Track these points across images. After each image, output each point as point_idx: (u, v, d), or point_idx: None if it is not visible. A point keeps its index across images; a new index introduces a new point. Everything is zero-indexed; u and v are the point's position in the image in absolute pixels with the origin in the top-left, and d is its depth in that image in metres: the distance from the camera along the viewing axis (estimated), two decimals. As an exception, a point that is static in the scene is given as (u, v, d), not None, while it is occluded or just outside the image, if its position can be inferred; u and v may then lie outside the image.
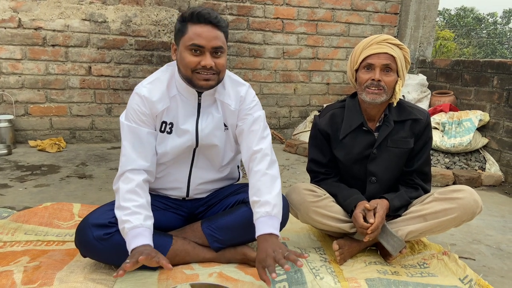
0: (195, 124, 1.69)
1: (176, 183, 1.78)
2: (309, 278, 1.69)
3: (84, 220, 1.62)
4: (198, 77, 1.56)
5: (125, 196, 1.54)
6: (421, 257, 1.97)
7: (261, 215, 1.53)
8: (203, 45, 1.52)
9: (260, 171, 1.62)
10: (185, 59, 1.55)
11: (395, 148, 1.89)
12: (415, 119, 1.89)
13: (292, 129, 4.81)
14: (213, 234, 1.74)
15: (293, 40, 4.62)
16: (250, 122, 1.70)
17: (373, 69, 1.79)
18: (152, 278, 1.65)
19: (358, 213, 1.77)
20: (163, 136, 1.68)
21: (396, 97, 1.84)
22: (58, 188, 2.84)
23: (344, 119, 1.93)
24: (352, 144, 1.91)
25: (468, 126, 3.64)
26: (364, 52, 1.81)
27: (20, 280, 1.56)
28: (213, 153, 1.77)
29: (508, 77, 3.51)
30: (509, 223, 2.61)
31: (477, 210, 1.77)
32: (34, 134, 4.07)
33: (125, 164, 1.60)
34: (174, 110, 1.67)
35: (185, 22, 1.55)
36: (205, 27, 1.53)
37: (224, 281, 1.63)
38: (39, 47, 3.90)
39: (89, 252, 1.64)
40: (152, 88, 1.64)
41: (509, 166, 3.50)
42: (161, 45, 4.21)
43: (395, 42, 1.81)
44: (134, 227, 1.48)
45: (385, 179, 1.93)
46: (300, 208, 1.87)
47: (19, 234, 2.01)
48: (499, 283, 1.83)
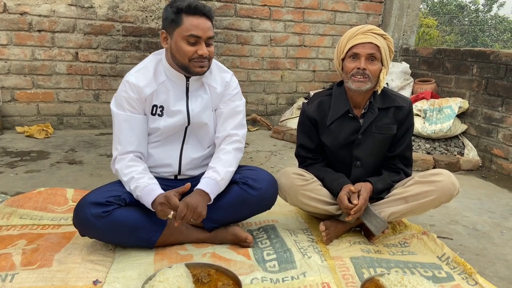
0: (186, 106, 1.81)
1: (168, 159, 1.86)
2: (298, 257, 1.79)
3: (82, 199, 1.69)
4: (194, 64, 1.69)
5: (124, 172, 1.71)
6: (402, 237, 2.09)
7: (209, 177, 1.73)
8: (200, 36, 1.65)
9: (227, 149, 1.82)
10: (182, 48, 1.66)
11: (379, 134, 1.98)
12: (398, 106, 1.98)
13: (279, 115, 4.89)
14: (207, 215, 1.81)
15: (280, 28, 4.66)
16: (232, 108, 1.86)
17: (358, 58, 1.87)
18: (148, 259, 1.73)
19: (343, 195, 1.87)
20: (154, 118, 1.79)
21: (381, 85, 1.94)
22: (49, 174, 2.87)
23: (331, 106, 2.01)
24: (338, 130, 1.99)
25: (448, 113, 3.77)
26: (350, 42, 1.88)
27: (19, 262, 1.62)
28: (203, 132, 1.88)
29: (487, 66, 3.64)
30: (485, 205, 2.76)
31: (455, 192, 1.88)
32: (21, 120, 4.05)
33: (117, 151, 1.74)
34: (163, 94, 1.77)
35: (180, 13, 1.64)
36: (200, 18, 1.65)
37: (217, 261, 1.72)
38: (25, 33, 3.86)
39: (87, 230, 1.70)
40: (139, 76, 1.75)
41: (486, 152, 3.66)
42: (148, 31, 4.20)
43: (380, 32, 1.88)
44: (144, 187, 1.66)
45: (369, 163, 2.03)
46: (289, 192, 1.95)
47: (14, 218, 2.05)
48: (474, 261, 1.95)
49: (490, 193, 3.01)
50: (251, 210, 1.88)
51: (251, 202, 1.81)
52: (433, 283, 1.56)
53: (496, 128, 3.55)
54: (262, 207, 1.91)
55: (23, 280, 1.50)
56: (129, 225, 1.69)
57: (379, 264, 1.79)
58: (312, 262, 1.75)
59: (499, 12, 21.88)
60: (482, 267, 1.90)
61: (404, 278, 1.56)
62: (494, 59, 3.56)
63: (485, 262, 1.96)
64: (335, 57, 1.99)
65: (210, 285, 1.52)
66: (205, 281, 1.52)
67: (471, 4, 21.23)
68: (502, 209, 2.69)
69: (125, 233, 1.71)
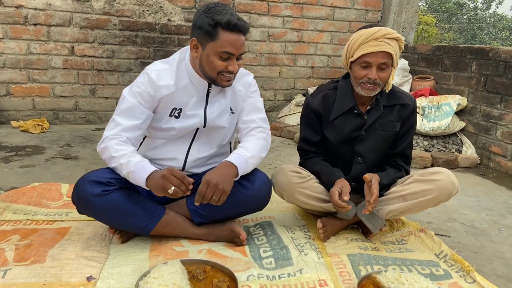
0: (204, 110, 1.81)
1: (174, 153, 1.85)
2: (294, 254, 1.77)
3: (83, 177, 1.67)
4: (222, 78, 1.69)
5: (116, 148, 1.64)
6: (399, 234, 2.07)
7: (239, 153, 1.70)
8: (234, 53, 1.64)
9: (257, 136, 1.82)
10: (214, 63, 1.65)
11: (382, 131, 1.96)
12: (403, 104, 1.96)
13: (277, 112, 4.86)
14: (197, 209, 1.80)
15: (278, 23, 4.63)
16: (253, 102, 1.88)
17: (369, 67, 1.81)
18: (143, 255, 1.70)
19: (334, 190, 1.82)
20: (170, 120, 1.78)
21: (389, 85, 1.90)
22: (44, 168, 2.84)
23: (336, 101, 1.97)
24: (342, 125, 1.96)
25: (446, 110, 3.75)
26: (362, 49, 1.79)
27: (12, 258, 1.60)
28: (216, 133, 1.89)
29: (486, 63, 3.62)
30: (483, 202, 2.74)
31: (454, 191, 1.86)
32: (16, 114, 4.01)
33: (111, 131, 1.68)
34: (184, 97, 1.76)
35: (217, 28, 1.59)
36: (236, 35, 1.62)
37: (213, 257, 1.70)
38: (21, 26, 3.82)
39: (85, 208, 1.69)
40: (161, 74, 1.73)
41: (484, 149, 3.65)
42: (145, 26, 4.17)
43: (393, 36, 1.79)
44: (138, 162, 1.61)
45: (370, 159, 2.00)
46: (286, 190, 1.93)
47: (8, 213, 2.02)
48: (472, 258, 1.94)
49: (488, 191, 3.00)
50: (243, 209, 1.85)
51: (243, 202, 1.77)
52: (430, 281, 1.55)
53: (495, 126, 3.54)
54: (254, 207, 1.88)
55: (15, 276, 1.48)
56: (127, 208, 1.68)
57: (376, 261, 1.77)
58: (309, 259, 1.73)
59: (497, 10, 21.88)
60: (480, 264, 1.88)
61: (401, 276, 1.55)
62: (493, 56, 3.55)
63: (483, 260, 1.95)
64: (344, 56, 1.92)
65: (206, 281, 1.50)
66: (200, 277, 1.50)
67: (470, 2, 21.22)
68: (500, 207, 2.68)
69: (122, 215, 1.69)
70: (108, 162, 1.67)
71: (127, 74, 4.22)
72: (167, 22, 4.22)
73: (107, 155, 1.66)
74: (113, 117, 1.72)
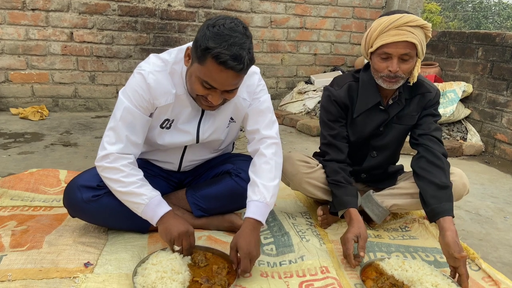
0: (197, 126, 1.63)
1: (168, 158, 1.78)
2: (296, 240, 1.74)
3: (73, 181, 1.62)
4: (202, 102, 1.47)
5: (127, 171, 1.49)
6: (403, 221, 2.04)
7: (258, 199, 1.52)
8: (216, 87, 1.38)
9: (267, 155, 1.61)
10: (194, 85, 1.42)
11: (399, 125, 1.84)
12: (423, 93, 1.80)
13: (279, 100, 4.80)
14: (197, 203, 1.77)
15: (280, 9, 4.55)
16: (258, 105, 1.65)
17: (390, 58, 1.64)
18: (142, 241, 1.67)
19: (350, 237, 1.57)
20: (161, 131, 1.62)
21: (414, 77, 1.72)
22: (43, 155, 2.81)
23: (358, 96, 1.80)
24: (364, 123, 1.83)
25: (451, 97, 3.69)
26: (381, 38, 1.63)
27: (8, 244, 1.57)
28: (213, 143, 1.76)
29: (493, 49, 3.54)
30: (487, 190, 2.70)
31: (464, 193, 1.81)
32: (15, 101, 3.97)
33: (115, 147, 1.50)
34: (177, 108, 1.58)
35: (206, 54, 1.31)
36: (225, 71, 1.33)
37: (213, 243, 1.67)
38: (19, 11, 3.75)
39: (77, 212, 1.64)
40: (160, 80, 1.51)
41: (489, 137, 3.59)
42: (145, 11, 4.10)
43: (417, 23, 1.60)
44: (153, 196, 1.49)
45: (385, 153, 1.92)
46: (293, 179, 1.87)
47: (5, 199, 1.99)
48: (477, 246, 1.90)
49: (493, 178, 2.95)
50: (242, 203, 1.69)
51: (242, 195, 1.64)
52: (434, 268, 1.52)
53: (500, 113, 3.48)
54: None
55: (11, 262, 1.45)
56: (121, 211, 1.60)
57: (379, 248, 1.74)
58: (310, 245, 1.70)
59: (503, -2, 21.58)
60: (485, 252, 1.85)
61: (405, 263, 1.52)
62: (500, 42, 3.47)
63: (488, 248, 1.91)
64: (363, 46, 1.76)
65: (206, 268, 1.47)
66: (201, 265, 1.47)
67: (475, -10, 20.95)
68: (505, 194, 2.64)
69: (116, 218, 1.65)
70: (112, 184, 1.51)
71: (127, 61, 4.16)
72: (167, 7, 4.15)
73: (113, 176, 1.49)
74: (113, 126, 1.51)
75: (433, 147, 1.74)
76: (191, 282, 1.37)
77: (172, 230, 1.46)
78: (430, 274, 1.46)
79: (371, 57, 1.73)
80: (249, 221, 1.50)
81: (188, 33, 4.27)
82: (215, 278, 1.39)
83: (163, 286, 1.29)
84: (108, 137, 1.52)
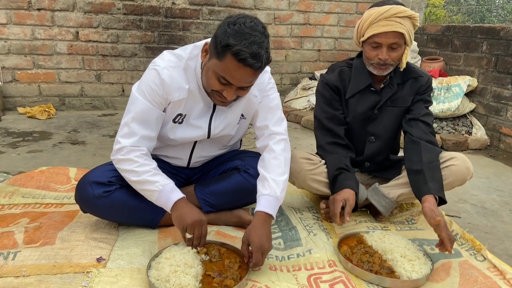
0: (209, 121, 1.67)
1: (177, 153, 1.80)
2: (303, 234, 1.76)
3: (84, 177, 1.65)
4: (216, 97, 1.51)
5: (140, 161, 1.52)
6: (409, 214, 2.06)
7: (268, 193, 1.55)
8: (232, 83, 1.42)
9: (276, 151, 1.64)
10: (210, 79, 1.45)
11: (393, 107, 1.92)
12: (416, 77, 1.90)
13: (284, 96, 4.81)
14: (205, 198, 1.79)
15: (284, 5, 4.56)
16: (267, 102, 1.69)
17: (380, 47, 1.76)
18: (152, 236, 1.70)
19: (339, 199, 1.72)
20: (173, 125, 1.65)
21: (403, 63, 1.84)
22: (52, 154, 2.84)
23: (351, 79, 1.91)
24: (356, 103, 1.92)
25: (456, 92, 3.69)
26: (371, 29, 1.74)
27: (21, 240, 1.60)
28: (223, 139, 1.80)
29: (497, 43, 3.54)
30: (493, 183, 2.71)
31: (468, 177, 1.83)
32: (22, 101, 4.01)
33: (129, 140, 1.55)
34: (190, 103, 1.61)
35: (226, 50, 1.35)
36: (243, 68, 1.36)
37: (222, 238, 1.69)
38: (25, 11, 3.79)
39: (89, 208, 1.68)
40: (174, 75, 1.54)
41: (494, 130, 3.59)
42: (149, 10, 4.12)
43: (405, 14, 1.70)
44: (166, 184, 1.51)
45: (383, 138, 1.97)
46: (297, 177, 1.90)
47: (16, 197, 2.03)
48: (483, 238, 1.92)
49: (499, 172, 2.96)
50: (250, 198, 1.73)
51: (251, 191, 1.67)
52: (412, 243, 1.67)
53: (505, 107, 3.48)
54: None
55: (25, 258, 1.48)
56: (131, 206, 1.66)
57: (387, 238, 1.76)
58: (318, 239, 1.72)
59: (507, -9, 21.39)
60: (491, 244, 1.86)
61: (385, 236, 1.67)
62: (504, 36, 3.47)
63: (494, 240, 1.93)
64: (355, 35, 1.87)
65: (218, 263, 1.49)
66: (214, 260, 1.50)
67: (479, -17, 20.77)
68: (510, 188, 2.65)
69: (127, 213, 1.69)
70: (127, 175, 1.55)
71: (132, 59, 4.19)
72: (171, 5, 4.17)
73: (127, 167, 1.53)
74: (127, 121, 1.55)
75: (412, 132, 1.84)
76: (203, 276, 1.40)
77: (186, 218, 1.48)
78: (403, 247, 1.60)
79: (362, 45, 1.84)
80: (260, 214, 1.52)
81: (193, 31, 4.29)
82: (227, 272, 1.42)
83: (176, 279, 1.32)
84: (122, 132, 1.57)
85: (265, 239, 1.47)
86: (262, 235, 1.48)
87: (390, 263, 1.55)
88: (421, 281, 1.48)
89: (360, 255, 1.58)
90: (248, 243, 1.47)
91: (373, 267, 1.52)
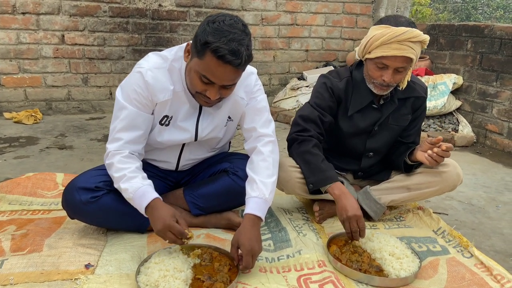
0: (195, 123, 1.66)
1: (165, 157, 1.79)
2: (293, 235, 1.77)
3: (71, 183, 1.63)
4: (200, 98, 1.51)
5: (118, 166, 1.52)
6: (397, 211, 2.08)
7: (257, 196, 1.55)
8: (214, 82, 1.41)
9: (264, 153, 1.64)
10: (193, 80, 1.45)
11: (395, 125, 1.92)
12: (418, 96, 1.90)
13: (272, 96, 4.82)
14: (195, 201, 1.79)
15: (271, 6, 4.57)
16: (254, 104, 1.69)
17: (386, 68, 1.70)
18: (141, 241, 1.70)
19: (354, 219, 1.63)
20: (160, 128, 1.64)
21: (404, 83, 1.82)
22: (39, 159, 2.81)
23: (353, 95, 1.86)
24: (358, 119, 1.89)
25: (442, 90, 3.74)
26: (381, 49, 1.67)
27: (8, 248, 1.58)
28: (211, 141, 1.79)
29: (482, 40, 3.59)
30: (480, 180, 2.75)
31: (458, 183, 1.87)
32: (8, 106, 3.95)
33: (114, 145, 1.56)
34: (176, 104, 1.60)
35: (205, 48, 1.35)
36: (223, 66, 1.36)
37: (211, 241, 1.69)
38: (9, 15, 3.74)
39: (76, 214, 1.66)
40: (158, 76, 1.54)
41: (480, 127, 3.64)
42: (136, 12, 4.09)
43: (418, 39, 1.65)
44: (136, 189, 1.48)
45: (380, 153, 1.99)
46: (286, 185, 1.87)
47: (3, 204, 2.00)
48: (470, 235, 1.94)
49: (485, 169, 3.00)
50: (240, 201, 1.72)
51: (240, 193, 1.66)
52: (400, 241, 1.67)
53: (491, 104, 3.53)
54: None
55: (13, 265, 1.46)
56: (119, 211, 1.64)
57: (375, 238, 1.77)
58: (307, 239, 1.73)
59: (492, -12, 21.67)
60: (478, 241, 1.89)
61: (374, 235, 1.68)
62: (488, 34, 3.51)
63: (481, 236, 1.96)
64: (360, 49, 1.78)
65: (207, 267, 1.49)
66: (203, 263, 1.50)
67: (464, -19, 20.99)
68: (497, 184, 2.69)
69: (115, 218, 1.67)
70: (114, 181, 1.56)
71: (119, 62, 4.16)
72: (158, 7, 4.15)
73: (111, 173, 1.55)
74: (114, 127, 1.57)
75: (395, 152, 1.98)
76: (193, 280, 1.40)
77: (155, 224, 1.44)
78: (391, 246, 1.61)
79: (366, 60, 1.78)
80: (249, 217, 1.52)
81: (180, 33, 4.28)
82: (217, 275, 1.42)
83: (166, 284, 1.31)
84: (109, 137, 1.59)
85: (254, 241, 1.48)
86: (251, 237, 1.48)
87: (378, 261, 1.56)
88: (410, 279, 1.49)
89: (349, 254, 1.60)
90: (238, 245, 1.47)
91: (362, 266, 1.54)
